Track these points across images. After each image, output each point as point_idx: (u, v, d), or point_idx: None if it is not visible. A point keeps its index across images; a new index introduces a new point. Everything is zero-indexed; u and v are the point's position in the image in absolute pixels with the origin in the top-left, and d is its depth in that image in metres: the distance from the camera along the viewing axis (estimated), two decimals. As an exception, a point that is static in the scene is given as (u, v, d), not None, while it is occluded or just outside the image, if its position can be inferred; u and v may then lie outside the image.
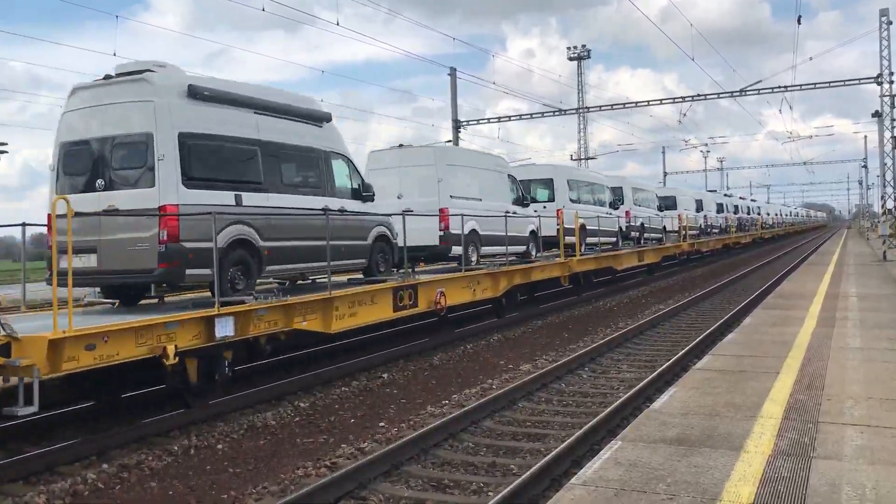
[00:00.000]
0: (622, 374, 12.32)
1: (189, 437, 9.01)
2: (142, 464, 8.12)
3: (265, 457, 8.48)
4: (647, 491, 4.67)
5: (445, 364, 13.61)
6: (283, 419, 9.96)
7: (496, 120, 40.45)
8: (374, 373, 12.61)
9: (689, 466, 5.13)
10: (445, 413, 9.80)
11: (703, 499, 4.53)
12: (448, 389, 11.58)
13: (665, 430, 6.04)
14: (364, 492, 7.00)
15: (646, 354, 14.08)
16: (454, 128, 36.27)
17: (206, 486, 7.57)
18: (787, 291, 17.72)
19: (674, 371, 11.59)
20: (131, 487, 7.55)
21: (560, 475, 7.09)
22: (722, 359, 9.18)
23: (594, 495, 4.62)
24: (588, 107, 52.11)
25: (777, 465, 5.11)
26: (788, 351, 9.39)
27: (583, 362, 13.01)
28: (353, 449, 8.50)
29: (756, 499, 4.52)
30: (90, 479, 7.58)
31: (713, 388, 7.47)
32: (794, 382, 7.62)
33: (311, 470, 7.77)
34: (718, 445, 5.60)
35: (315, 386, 11.57)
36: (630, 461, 5.27)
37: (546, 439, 8.65)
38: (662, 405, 6.92)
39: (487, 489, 7.04)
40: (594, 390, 11.24)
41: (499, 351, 14.90)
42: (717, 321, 16.93)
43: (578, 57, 67.05)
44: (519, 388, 10.77)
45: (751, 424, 6.13)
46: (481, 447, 8.45)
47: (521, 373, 12.57)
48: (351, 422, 9.89)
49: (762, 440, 5.71)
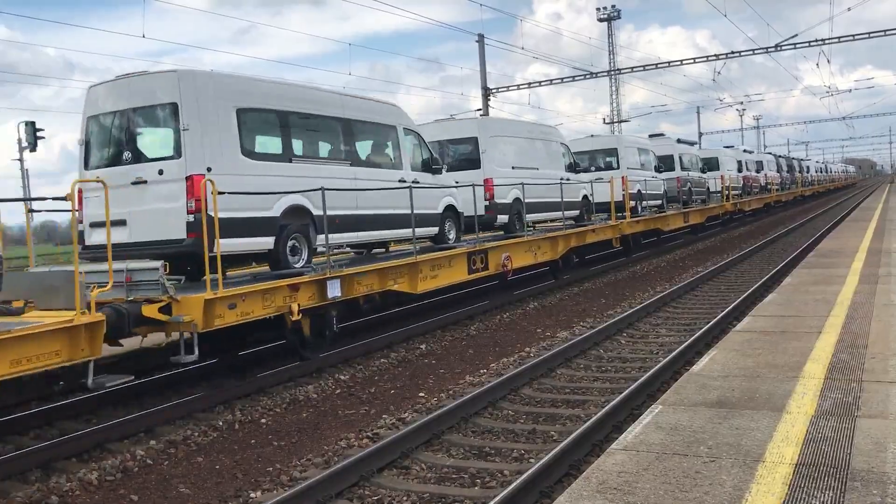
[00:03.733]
0: (661, 339, 12.25)
1: (233, 411, 9.18)
2: (188, 439, 8.30)
3: (308, 429, 8.61)
4: (688, 454, 4.66)
5: (482, 333, 13.65)
6: (324, 392, 10.09)
7: (526, 86, 40.04)
8: (412, 343, 12.71)
9: (731, 429, 5.10)
10: (484, 382, 9.85)
11: (745, 460, 4.50)
12: (486, 358, 11.62)
13: (706, 393, 6.00)
14: (406, 461, 7.08)
15: (685, 318, 13.97)
16: (484, 95, 35.91)
17: (251, 459, 7.72)
18: (828, 249, 17.41)
19: (713, 333, 11.49)
20: (178, 462, 7.72)
21: (601, 440, 7.10)
22: (762, 319, 9.07)
23: (636, 459, 4.62)
24: (619, 69, 51.42)
25: (820, 426, 5.06)
26: (830, 309, 9.25)
27: (621, 327, 12.96)
28: (393, 419, 8.58)
29: (800, 459, 4.48)
30: (139, 456, 7.77)
31: (754, 350, 7.40)
32: (837, 341, 7.51)
33: (354, 441, 7.88)
34: (760, 407, 5.56)
35: (355, 358, 11.70)
36: (671, 425, 5.25)
37: (586, 405, 8.66)
38: (702, 368, 6.87)
39: (528, 456, 7.08)
40: (633, 355, 11.19)
41: (535, 319, 14.90)
42: (757, 281, 16.73)
43: (608, 17, 66.05)
44: (557, 355, 10.77)
45: (793, 385, 6.07)
46: (521, 415, 8.49)
47: (558, 340, 12.56)
48: (391, 392, 9.99)
49: (804, 400, 5.64)
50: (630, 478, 4.33)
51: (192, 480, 7.21)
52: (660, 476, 4.34)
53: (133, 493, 6.96)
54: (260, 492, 6.70)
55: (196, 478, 7.28)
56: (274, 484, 6.85)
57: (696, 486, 4.17)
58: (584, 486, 4.28)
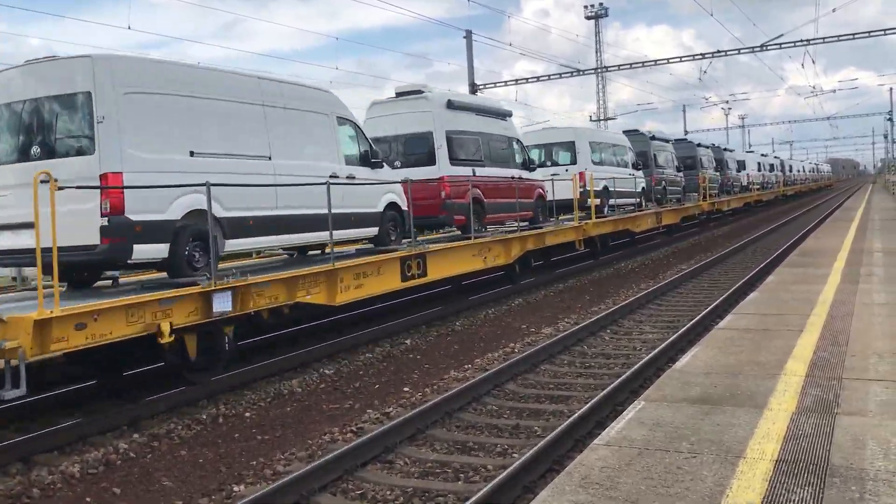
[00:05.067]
0: (644, 336, 12.32)
1: (217, 405, 9.15)
2: (172, 433, 8.28)
3: (292, 423, 8.60)
4: (670, 450, 4.70)
5: (468, 329, 13.68)
6: (309, 386, 10.08)
7: (513, 82, 40.32)
8: (398, 339, 12.71)
9: (713, 425, 5.15)
10: (468, 377, 9.88)
11: (726, 456, 4.55)
12: (470, 354, 11.65)
13: (688, 390, 6.05)
14: (390, 455, 7.10)
15: (668, 315, 14.06)
16: (471, 91, 35.97)
17: (235, 452, 7.71)
18: (810, 248, 17.56)
19: (696, 331, 11.57)
20: (162, 456, 7.70)
21: (584, 436, 7.14)
22: (745, 318, 9.14)
23: (618, 455, 4.65)
24: (606, 66, 51.53)
25: (801, 422, 5.11)
26: (812, 308, 9.34)
27: (604, 324, 13.02)
28: (378, 414, 8.60)
29: (780, 456, 4.53)
30: (122, 449, 7.74)
31: (736, 347, 7.46)
32: (818, 339, 7.58)
33: (338, 435, 7.89)
34: (741, 404, 5.61)
35: (339, 353, 11.69)
36: (653, 421, 5.29)
37: (569, 401, 8.70)
38: (685, 365, 6.93)
39: (512, 451, 7.12)
40: (616, 352, 11.26)
41: (520, 315, 14.94)
42: (739, 280, 16.85)
43: (596, 15, 65.99)
44: (541, 351, 10.81)
45: (774, 382, 6.13)
46: (505, 410, 8.52)
47: (542, 336, 12.61)
48: (376, 387, 9.99)
49: (785, 397, 5.70)
50: (612, 473, 4.37)
51: (176, 474, 7.19)
52: (642, 471, 4.37)
53: (116, 485, 6.94)
54: (243, 485, 6.69)
55: (179, 471, 7.26)
56: (258, 477, 6.85)
57: (678, 481, 4.21)
58: (566, 480, 4.31)
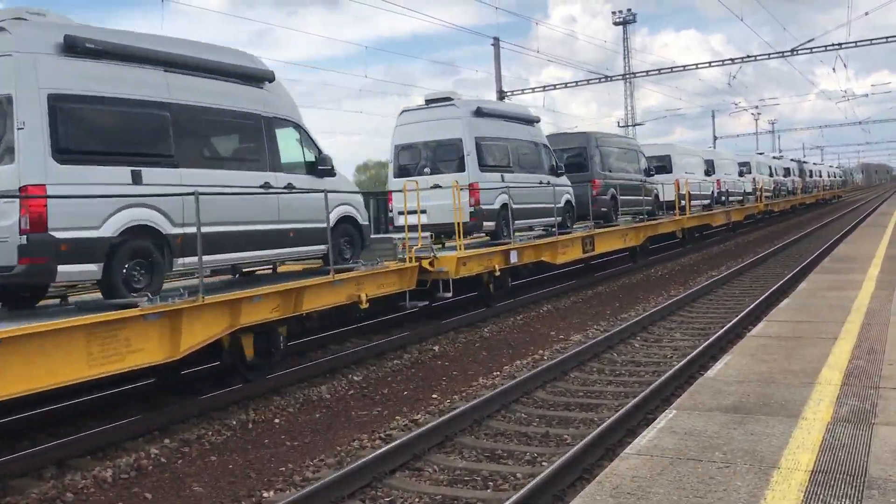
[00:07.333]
0: (675, 343, 12.19)
1: (247, 411, 9.21)
2: (202, 438, 8.34)
3: (321, 429, 8.63)
4: (702, 459, 4.64)
5: (496, 335, 13.64)
6: (337, 392, 10.11)
7: (540, 89, 40.08)
8: (425, 345, 12.71)
9: (746, 434, 5.07)
10: (497, 384, 9.84)
11: (760, 466, 4.48)
12: (499, 360, 11.61)
13: (720, 398, 5.97)
14: (419, 463, 7.09)
15: (699, 322, 13.91)
16: (499, 97, 35.93)
17: (264, 458, 7.74)
18: (843, 254, 17.28)
19: (728, 338, 11.43)
20: (192, 461, 7.75)
21: (614, 444, 7.08)
22: (777, 325, 9.02)
23: (650, 464, 4.60)
24: (634, 72, 51.25)
25: (837, 432, 5.02)
26: (847, 315, 9.18)
27: (634, 331, 12.92)
28: (406, 421, 8.59)
29: (815, 466, 4.45)
30: (153, 454, 7.80)
31: (769, 355, 7.36)
32: (853, 348, 7.45)
33: (367, 442, 7.89)
34: (775, 413, 5.52)
35: (368, 359, 11.71)
36: (685, 430, 5.23)
37: (599, 409, 8.63)
38: (717, 373, 6.84)
39: (541, 459, 7.07)
40: (647, 359, 11.15)
41: (549, 321, 14.87)
42: (771, 287, 16.63)
43: (624, 21, 65.87)
44: (571, 358, 10.74)
45: (808, 391, 6.03)
46: (534, 418, 8.47)
47: (572, 343, 12.54)
48: (404, 394, 9.99)
49: (820, 407, 5.61)
50: (644, 482, 4.31)
51: (206, 479, 7.24)
52: (674, 481, 4.32)
53: (147, 491, 7.00)
54: (273, 491, 6.72)
55: (209, 477, 7.31)
56: (287, 484, 6.87)
57: (711, 491, 4.15)
58: (597, 490, 4.26)
